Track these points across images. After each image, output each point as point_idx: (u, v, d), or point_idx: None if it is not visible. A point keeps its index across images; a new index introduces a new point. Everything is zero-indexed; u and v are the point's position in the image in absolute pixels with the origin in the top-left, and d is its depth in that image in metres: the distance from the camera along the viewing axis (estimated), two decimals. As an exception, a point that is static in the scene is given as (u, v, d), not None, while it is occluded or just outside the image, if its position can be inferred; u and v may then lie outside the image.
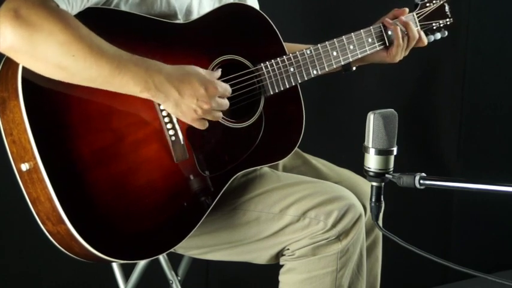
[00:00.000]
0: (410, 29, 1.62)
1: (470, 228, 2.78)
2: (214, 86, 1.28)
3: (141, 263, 1.63)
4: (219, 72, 1.34)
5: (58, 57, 1.12)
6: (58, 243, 1.23)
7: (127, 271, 1.64)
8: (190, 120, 1.28)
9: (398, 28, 1.61)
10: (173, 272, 1.63)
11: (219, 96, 1.30)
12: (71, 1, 1.17)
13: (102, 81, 1.17)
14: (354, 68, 1.64)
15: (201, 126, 1.30)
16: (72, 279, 2.08)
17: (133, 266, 1.65)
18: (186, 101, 1.24)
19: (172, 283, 1.63)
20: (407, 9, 1.67)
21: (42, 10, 1.11)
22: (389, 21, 1.62)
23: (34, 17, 1.10)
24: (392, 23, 1.61)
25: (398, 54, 1.64)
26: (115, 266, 1.62)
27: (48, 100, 1.19)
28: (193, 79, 1.25)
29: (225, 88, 1.32)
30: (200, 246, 1.49)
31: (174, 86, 1.22)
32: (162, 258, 1.62)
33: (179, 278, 1.66)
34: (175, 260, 1.66)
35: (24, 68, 1.16)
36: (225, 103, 1.32)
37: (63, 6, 1.16)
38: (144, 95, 1.21)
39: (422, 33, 1.67)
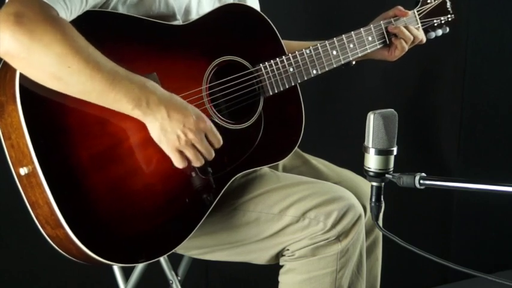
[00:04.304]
0: (410, 30, 1.63)
1: (470, 228, 2.78)
2: (205, 122, 1.26)
3: (141, 264, 1.63)
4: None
5: (53, 67, 1.12)
6: (57, 247, 1.23)
7: (127, 271, 1.64)
8: (171, 148, 1.24)
9: (403, 28, 1.61)
10: (173, 272, 1.63)
11: (207, 137, 1.27)
12: (69, 6, 1.17)
13: (95, 95, 1.16)
14: (354, 63, 1.64)
15: (179, 161, 1.25)
16: (72, 279, 2.08)
17: (133, 266, 1.65)
18: (172, 124, 1.21)
19: (172, 283, 1.63)
20: (409, 12, 1.67)
21: (42, 18, 1.11)
22: (392, 27, 1.62)
23: (34, 25, 1.10)
24: (396, 26, 1.62)
25: (400, 51, 1.64)
26: (115, 266, 1.62)
27: (46, 105, 1.18)
28: (185, 107, 1.24)
29: (215, 131, 1.28)
30: (200, 246, 1.49)
31: (165, 107, 1.21)
32: (162, 258, 1.62)
33: (179, 278, 1.65)
34: (175, 260, 1.66)
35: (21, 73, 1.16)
36: (209, 148, 1.27)
37: (62, 13, 1.16)
38: (135, 112, 1.19)
39: (422, 33, 1.67)
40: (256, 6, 1.62)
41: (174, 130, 1.22)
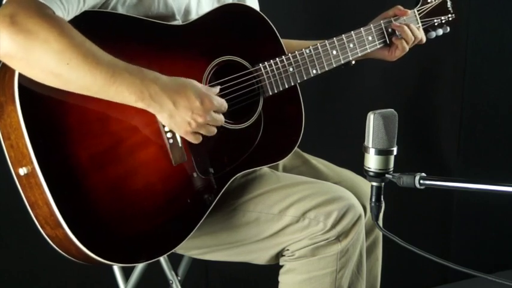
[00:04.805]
0: (412, 29, 1.63)
1: (470, 228, 2.78)
2: (210, 100, 1.27)
3: (141, 263, 1.63)
4: (217, 89, 1.34)
5: (52, 64, 1.12)
6: (57, 247, 1.23)
7: (127, 271, 1.64)
8: (184, 132, 1.27)
9: (406, 27, 1.61)
10: (173, 272, 1.63)
11: (215, 111, 1.29)
12: (66, 6, 1.17)
13: (96, 90, 1.17)
14: (354, 62, 1.63)
15: (195, 140, 1.29)
16: (72, 279, 2.08)
17: (133, 266, 1.65)
18: (181, 112, 1.23)
19: (172, 283, 1.63)
20: (409, 12, 1.67)
21: (38, 17, 1.11)
22: (397, 24, 1.62)
23: (30, 24, 1.10)
24: (399, 24, 1.61)
25: (400, 51, 1.64)
26: (115, 266, 1.62)
27: (45, 105, 1.18)
28: (189, 91, 1.25)
29: (221, 103, 1.31)
30: (200, 246, 1.49)
31: (169, 96, 1.22)
32: (162, 258, 1.62)
33: (179, 278, 1.66)
34: (175, 260, 1.66)
35: (20, 73, 1.16)
36: (220, 118, 1.31)
37: (59, 12, 1.16)
38: (139, 104, 1.20)
39: (422, 32, 1.66)
40: (255, 6, 1.62)
41: (183, 118, 1.24)
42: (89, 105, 1.20)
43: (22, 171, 1.17)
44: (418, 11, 1.70)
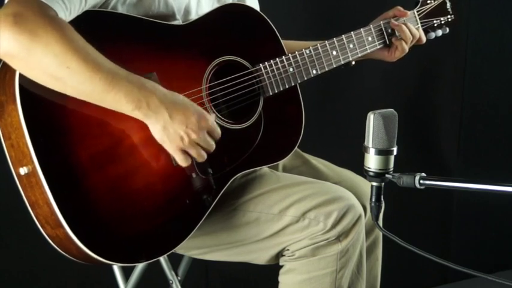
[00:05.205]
0: (409, 28, 1.63)
1: (470, 228, 2.78)
2: (206, 119, 1.26)
3: (141, 263, 1.63)
4: (213, 116, 1.32)
5: (53, 67, 1.12)
6: (57, 246, 1.23)
7: (127, 271, 1.64)
8: (175, 148, 1.25)
9: (404, 26, 1.61)
10: (173, 272, 1.63)
11: (208, 133, 1.28)
12: (68, 6, 1.17)
13: (95, 96, 1.16)
14: (354, 63, 1.63)
15: (183, 161, 1.27)
16: (72, 279, 2.08)
17: (133, 266, 1.65)
18: (175, 125, 1.22)
19: (172, 283, 1.63)
20: (409, 13, 1.67)
21: (40, 18, 1.11)
22: (395, 23, 1.62)
23: (32, 25, 1.10)
24: (398, 23, 1.61)
25: (400, 52, 1.64)
26: (115, 266, 1.62)
27: (46, 104, 1.18)
28: (187, 106, 1.24)
29: (216, 127, 1.30)
30: (200, 246, 1.49)
31: (166, 108, 1.21)
32: (162, 258, 1.62)
33: (179, 278, 1.66)
34: (175, 260, 1.66)
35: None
36: (211, 143, 1.29)
37: (61, 13, 1.16)
38: (136, 113, 1.19)
39: (421, 32, 1.67)
40: (255, 6, 1.62)
41: (176, 131, 1.23)
42: (90, 104, 1.20)
43: (22, 170, 1.18)
44: (417, 11, 1.70)
